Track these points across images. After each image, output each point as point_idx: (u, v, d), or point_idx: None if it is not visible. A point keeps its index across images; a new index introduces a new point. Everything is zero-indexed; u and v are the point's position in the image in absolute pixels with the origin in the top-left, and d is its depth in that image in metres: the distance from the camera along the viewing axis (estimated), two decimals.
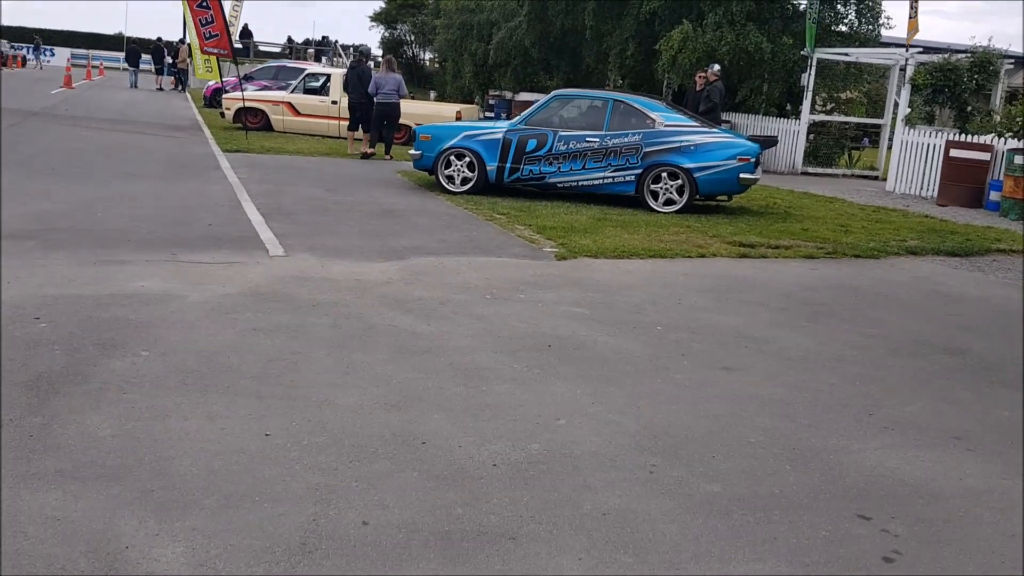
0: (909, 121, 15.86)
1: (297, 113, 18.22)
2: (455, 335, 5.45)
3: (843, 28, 19.22)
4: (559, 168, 11.51)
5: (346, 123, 18.19)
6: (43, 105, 21.70)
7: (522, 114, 11.92)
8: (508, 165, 11.63)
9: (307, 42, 41.70)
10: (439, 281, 6.92)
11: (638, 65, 21.14)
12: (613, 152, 11.36)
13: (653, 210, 11.30)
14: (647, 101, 11.63)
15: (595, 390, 4.64)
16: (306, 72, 18.88)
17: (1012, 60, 18.21)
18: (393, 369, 4.71)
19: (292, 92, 18.46)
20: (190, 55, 32.37)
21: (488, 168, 11.69)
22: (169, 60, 31.05)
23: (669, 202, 11.34)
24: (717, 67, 16.51)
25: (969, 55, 15.86)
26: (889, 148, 17.26)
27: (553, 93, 12.09)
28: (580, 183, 11.53)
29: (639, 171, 11.32)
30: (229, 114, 18.40)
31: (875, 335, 6.21)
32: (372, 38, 52.10)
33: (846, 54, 18.09)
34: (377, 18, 37.68)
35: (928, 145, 15.35)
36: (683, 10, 19.23)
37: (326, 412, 4.02)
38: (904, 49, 16.15)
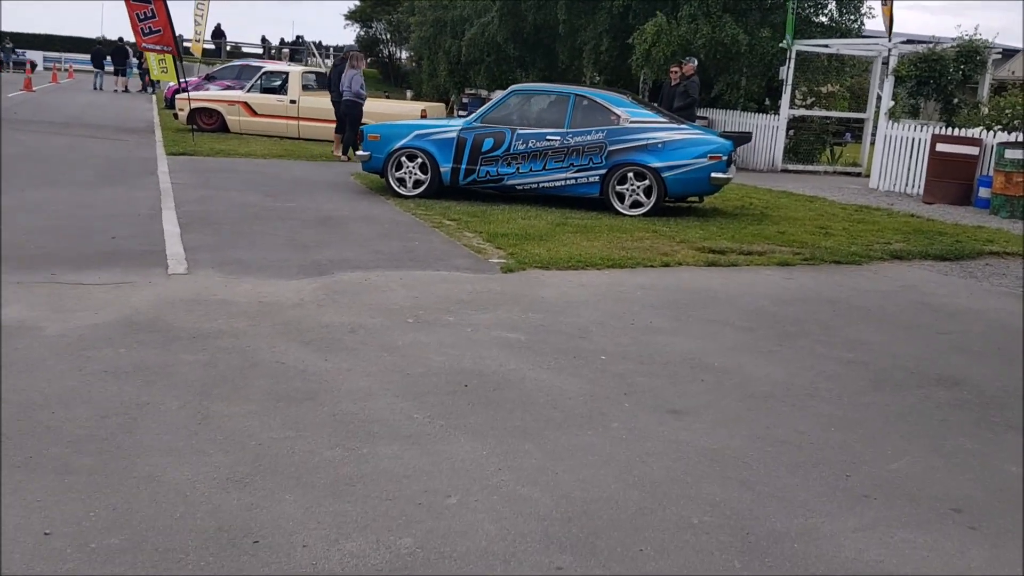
0: (893, 115, 14.97)
1: (254, 113, 17.23)
2: (353, 374, 4.51)
3: (824, 19, 18.33)
4: (518, 169, 10.57)
5: (306, 123, 17.31)
6: None
7: (478, 111, 10.97)
8: (463, 166, 10.69)
9: (282, 42, 40.66)
10: (358, 302, 5.98)
11: (613, 60, 20.22)
12: (575, 151, 10.43)
13: (619, 213, 10.38)
14: (611, 96, 10.70)
15: (507, 448, 3.70)
16: (263, 70, 17.88)
17: (1000, 52, 17.36)
18: (257, 425, 3.76)
19: (248, 91, 17.47)
20: None
21: (442, 170, 10.74)
22: (135, 61, 29.98)
23: (636, 204, 10.42)
24: (694, 61, 15.60)
25: (955, 45, 14.99)
26: (872, 143, 16.37)
27: (511, 88, 11.16)
28: (540, 185, 10.60)
29: (603, 171, 10.39)
30: (183, 115, 17.39)
31: (855, 361, 5.30)
32: (348, 37, 50.98)
33: (826, 46, 17.20)
34: (352, 16, 36.66)
35: (913, 140, 14.47)
36: (657, 2, 18.32)
37: (142, 495, 3.07)
38: (887, 39, 15.24)
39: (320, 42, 51.62)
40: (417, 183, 10.84)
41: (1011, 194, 12.21)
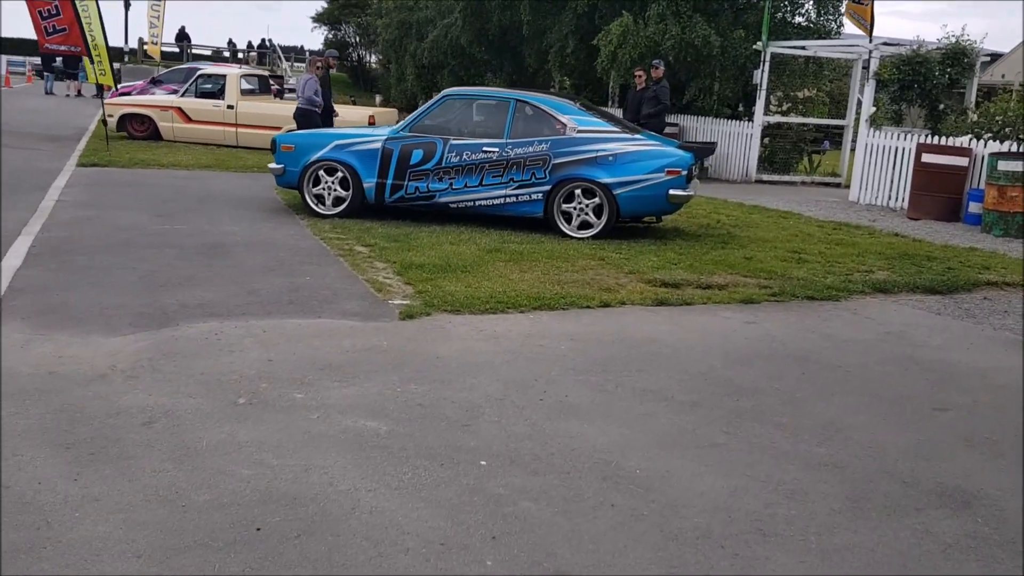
0: (874, 121, 13.61)
1: (188, 119, 15.75)
2: (98, 508, 3.06)
3: (801, 20, 16.97)
4: (451, 185, 9.13)
5: (245, 131, 15.83)
6: None
7: (407, 118, 9.53)
8: (389, 181, 9.24)
9: (250, 45, 39.09)
10: (186, 370, 4.53)
11: (580, 64, 18.81)
12: (516, 164, 9.00)
13: (566, 235, 8.96)
14: (556, 102, 9.27)
15: None
16: (199, 73, 16.39)
17: (988, 55, 16.03)
18: None
19: (183, 96, 15.99)
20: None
21: (365, 185, 9.29)
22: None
23: (585, 225, 9.00)
24: (662, 64, 14.19)
25: (940, 47, 13.63)
26: (853, 151, 15.00)
27: (444, 92, 9.71)
28: (477, 203, 9.16)
29: (547, 187, 8.97)
30: (112, 121, 15.89)
31: (828, 463, 3.87)
32: (315, 40, 49.28)
33: (803, 47, 15.82)
34: (320, 19, 35.10)
35: (896, 149, 13.09)
36: (625, 2, 16.92)
37: None
38: (867, 40, 13.87)
39: (302, 46, 49.99)
40: (338, 200, 9.39)
41: (1005, 210, 10.85)
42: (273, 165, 9.57)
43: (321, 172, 9.36)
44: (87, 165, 12.38)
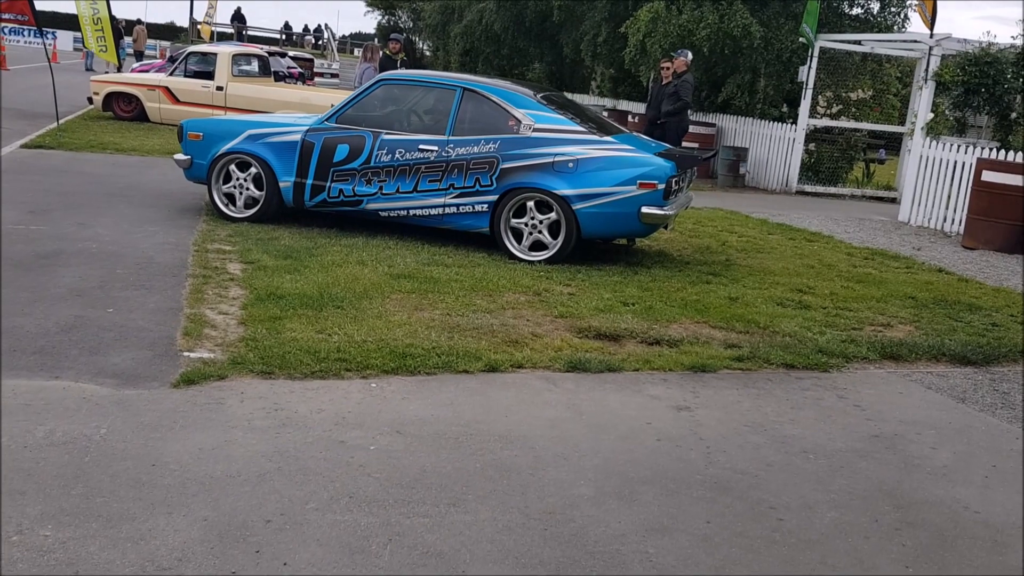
0: (931, 130, 11.38)
1: (176, 100, 14.31)
2: None
3: (858, 11, 14.70)
4: (381, 189, 7.38)
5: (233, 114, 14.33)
6: None
7: (333, 106, 7.78)
8: (309, 181, 7.53)
9: (306, 29, 37.86)
10: None
11: (612, 53, 16.84)
12: (457, 167, 7.20)
13: (515, 256, 7.14)
14: (511, 92, 7.41)
15: None
16: (188, 51, 14.94)
17: None
18: None
19: (171, 75, 14.56)
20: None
21: (281, 185, 7.59)
22: (128, 41, 27.39)
23: (538, 246, 7.17)
24: (688, 55, 12.20)
25: (1014, 48, 11.33)
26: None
27: (378, 77, 7.92)
28: (411, 212, 7.39)
29: (494, 197, 7.15)
30: (98, 100, 14.58)
31: None
32: (368, 24, 48.12)
33: (857, 42, 13.59)
34: (374, 3, 33.61)
35: (954, 163, 10.88)
36: None
37: None
38: (928, 35, 11.63)
39: (357, 35, 48.52)
40: (251, 201, 7.72)
41: None
42: (179, 156, 7.93)
43: (232, 167, 7.70)
44: (32, 147, 10.99)
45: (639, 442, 3.90)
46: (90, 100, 14.79)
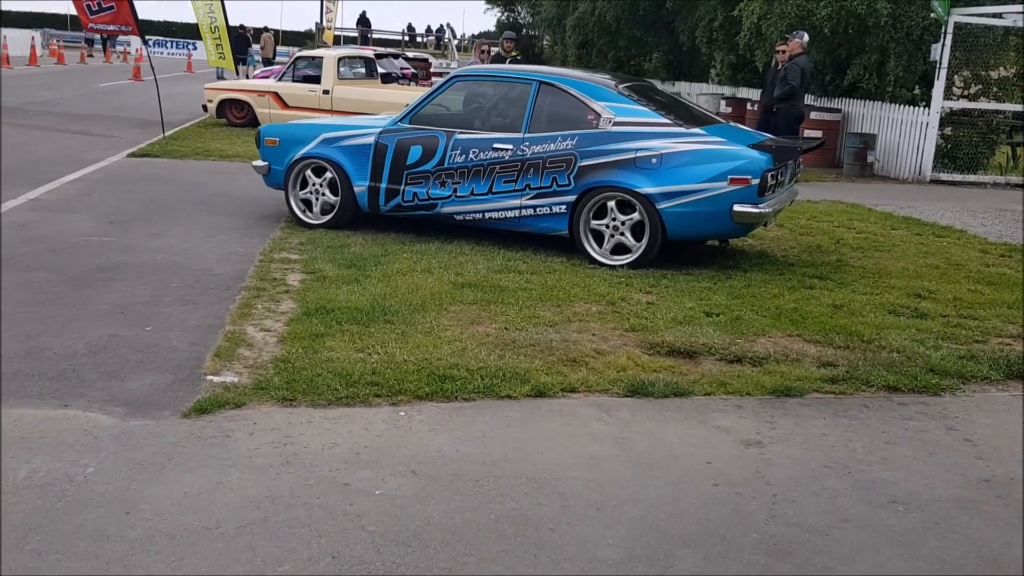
0: None
1: (285, 105, 14.33)
2: None
3: None
4: (455, 191, 6.96)
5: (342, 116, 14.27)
6: (46, 98, 18.96)
7: (408, 106, 7.41)
8: (383, 185, 7.18)
9: (428, 30, 38.03)
10: None
11: (729, 38, 15.92)
12: (533, 166, 6.71)
13: (596, 261, 6.59)
14: (590, 84, 6.83)
15: None
16: (296, 55, 14.96)
17: None
18: None
19: (280, 80, 14.62)
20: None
21: (356, 189, 7.28)
22: (257, 48, 28.05)
23: (620, 249, 6.59)
24: (803, 36, 11.29)
25: None
26: None
27: (453, 73, 7.49)
28: (486, 215, 6.94)
29: (572, 198, 6.62)
30: (212, 107, 14.80)
31: None
32: (488, 22, 47.84)
33: (997, 15, 12.27)
34: (493, 0, 33.40)
35: None
36: None
37: None
38: None
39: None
40: (327, 207, 7.46)
41: None
42: (257, 163, 7.75)
43: (308, 172, 7.45)
44: (138, 155, 11.16)
45: (691, 488, 3.32)
46: (204, 108, 15.04)
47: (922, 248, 7.92)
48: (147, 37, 39.83)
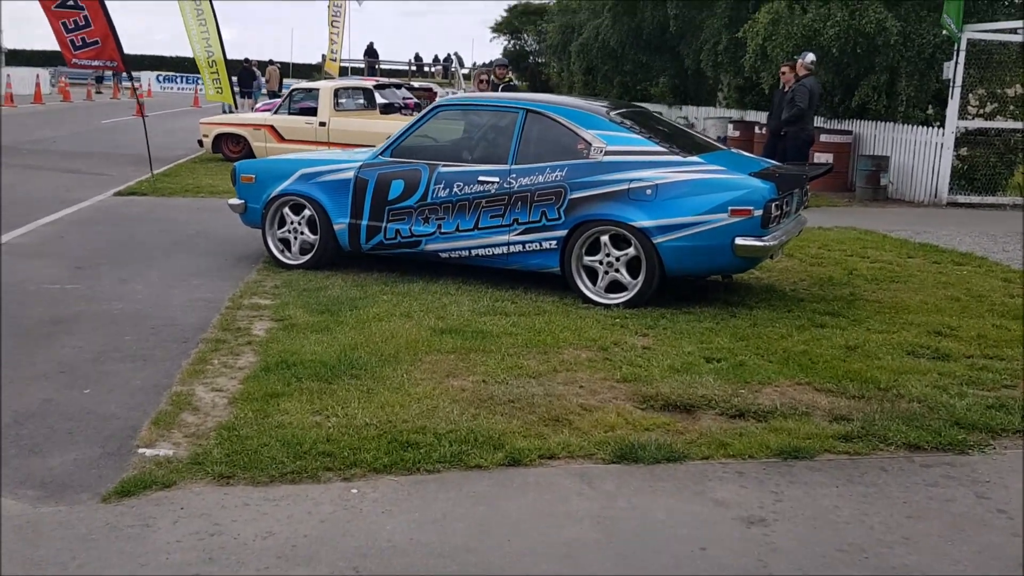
0: None
1: (281, 139, 13.96)
2: None
3: None
4: (439, 227, 6.50)
5: (337, 151, 13.90)
6: (43, 136, 18.69)
7: (390, 138, 6.97)
8: (364, 222, 6.74)
9: (435, 59, 37.87)
10: None
11: (734, 61, 15.50)
12: (521, 200, 6.24)
13: (591, 301, 6.10)
14: (579, 111, 6.38)
15: None
16: (292, 88, 14.63)
17: None
18: None
19: (276, 113, 14.27)
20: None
21: (335, 227, 6.83)
22: (263, 82, 27.79)
23: (615, 286, 6.11)
24: (810, 57, 10.85)
25: None
26: None
27: (436, 103, 7.06)
28: (473, 252, 6.48)
29: (563, 232, 6.15)
30: (207, 142, 14.46)
31: None
32: (495, 50, 47.50)
33: (1012, 31, 11.78)
34: (498, 28, 33.16)
35: None
36: None
37: None
38: None
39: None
40: (306, 247, 7.02)
41: None
42: (233, 201, 7.32)
43: (286, 210, 7.01)
44: (125, 194, 10.79)
45: None
46: (200, 143, 14.71)
47: (941, 278, 7.40)
48: (159, 73, 39.72)
